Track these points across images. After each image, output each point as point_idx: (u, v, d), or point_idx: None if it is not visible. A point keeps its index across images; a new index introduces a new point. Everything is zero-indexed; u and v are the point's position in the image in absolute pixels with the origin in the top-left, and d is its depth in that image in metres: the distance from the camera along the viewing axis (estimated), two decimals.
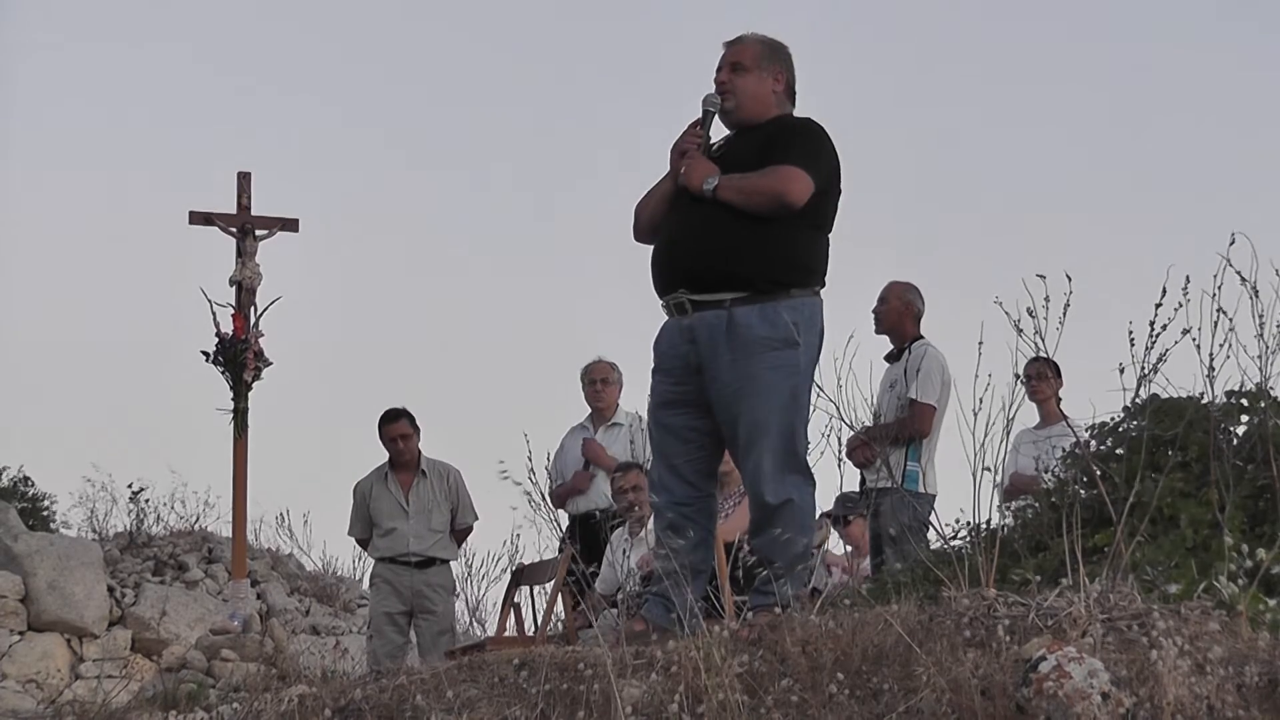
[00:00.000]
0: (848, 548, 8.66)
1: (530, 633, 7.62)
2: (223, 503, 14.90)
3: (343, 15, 27.01)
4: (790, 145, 5.05)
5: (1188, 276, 4.55)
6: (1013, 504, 5.52)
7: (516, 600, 7.99)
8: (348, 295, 23.38)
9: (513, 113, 27.46)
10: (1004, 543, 4.80)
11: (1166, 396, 5.00)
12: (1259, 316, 4.72)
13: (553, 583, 7.54)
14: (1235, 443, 4.90)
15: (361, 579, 14.81)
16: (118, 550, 14.21)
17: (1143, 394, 4.94)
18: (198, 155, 22.84)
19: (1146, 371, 4.79)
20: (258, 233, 11.06)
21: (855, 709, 3.63)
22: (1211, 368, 4.70)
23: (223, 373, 10.84)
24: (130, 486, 15.19)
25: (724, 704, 3.64)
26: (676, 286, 5.07)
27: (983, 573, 4.12)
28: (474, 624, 11.60)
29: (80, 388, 23.88)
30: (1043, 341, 4.75)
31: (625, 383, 8.93)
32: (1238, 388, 4.94)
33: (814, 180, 5.00)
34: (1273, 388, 4.89)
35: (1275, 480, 4.60)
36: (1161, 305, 4.60)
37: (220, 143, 23.11)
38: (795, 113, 5.27)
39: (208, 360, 10.86)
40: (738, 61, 5.20)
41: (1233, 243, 4.61)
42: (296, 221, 11.29)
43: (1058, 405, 7.60)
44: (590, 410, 8.94)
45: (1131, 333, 4.70)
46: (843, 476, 6.59)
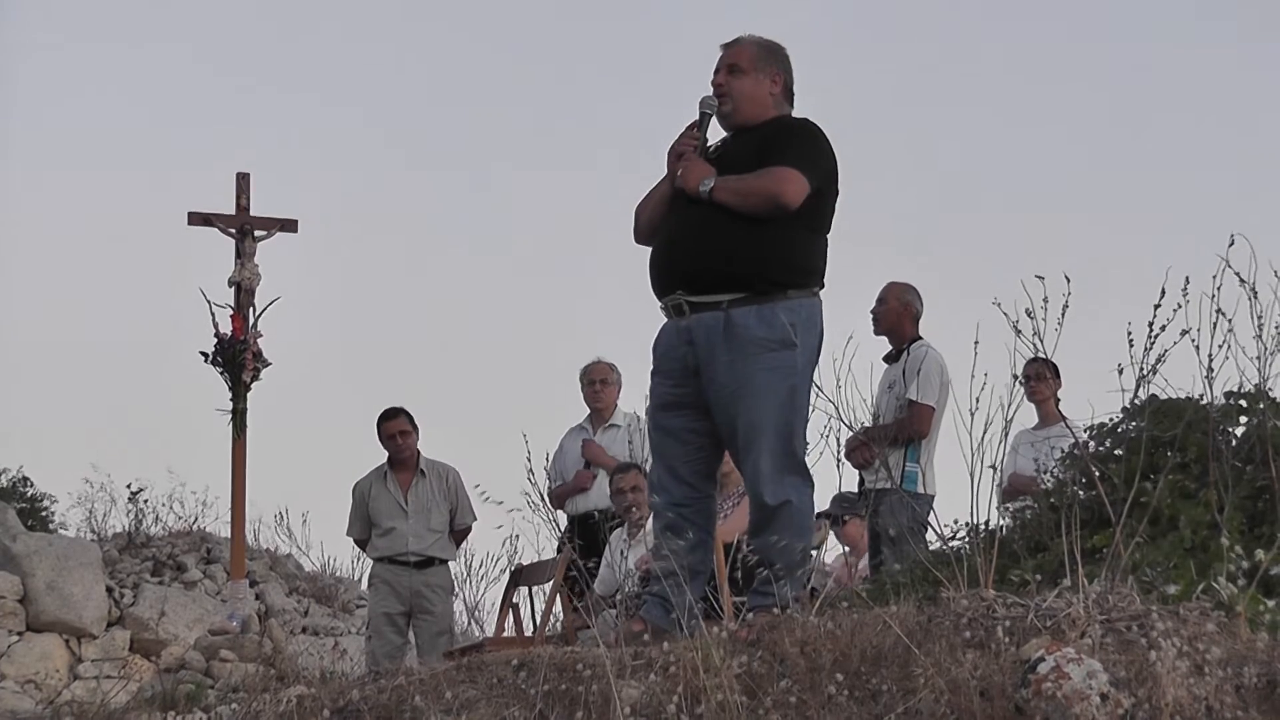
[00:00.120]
0: (844, 548, 8.67)
1: (529, 633, 7.62)
2: (221, 503, 14.89)
3: (342, 16, 27.01)
4: (786, 146, 5.05)
5: (1187, 277, 4.56)
6: (1011, 505, 5.52)
7: (515, 601, 7.99)
8: (347, 296, 23.37)
9: (512, 113, 27.46)
10: (1003, 543, 4.80)
11: (1165, 397, 5.00)
12: (1258, 318, 4.73)
13: (551, 583, 7.54)
14: (1234, 444, 4.90)
15: (360, 580, 14.80)
16: (116, 551, 14.20)
17: (1142, 395, 4.94)
18: (197, 156, 22.84)
19: (1145, 372, 4.80)
20: (257, 233, 11.05)
21: (854, 710, 3.63)
22: (1210, 369, 4.71)
23: (221, 373, 10.84)
24: (129, 487, 15.19)
25: (723, 705, 3.64)
26: (674, 288, 5.07)
27: (982, 574, 4.12)
28: (472, 624, 11.60)
29: (80, 388, 23.88)
30: (1041, 342, 4.75)
31: (624, 383, 8.94)
32: (1236, 389, 4.94)
33: (810, 181, 4.99)
34: (1271, 389, 4.90)
35: (1274, 481, 4.60)
36: (1160, 306, 4.60)
37: (219, 143, 23.09)
38: (794, 113, 5.27)
39: (206, 361, 10.85)
40: (734, 64, 5.19)
41: (1232, 244, 4.61)
42: (295, 222, 11.28)
43: (1056, 406, 7.59)
44: (589, 411, 8.94)
45: (1130, 334, 4.71)
46: (842, 477, 6.60)
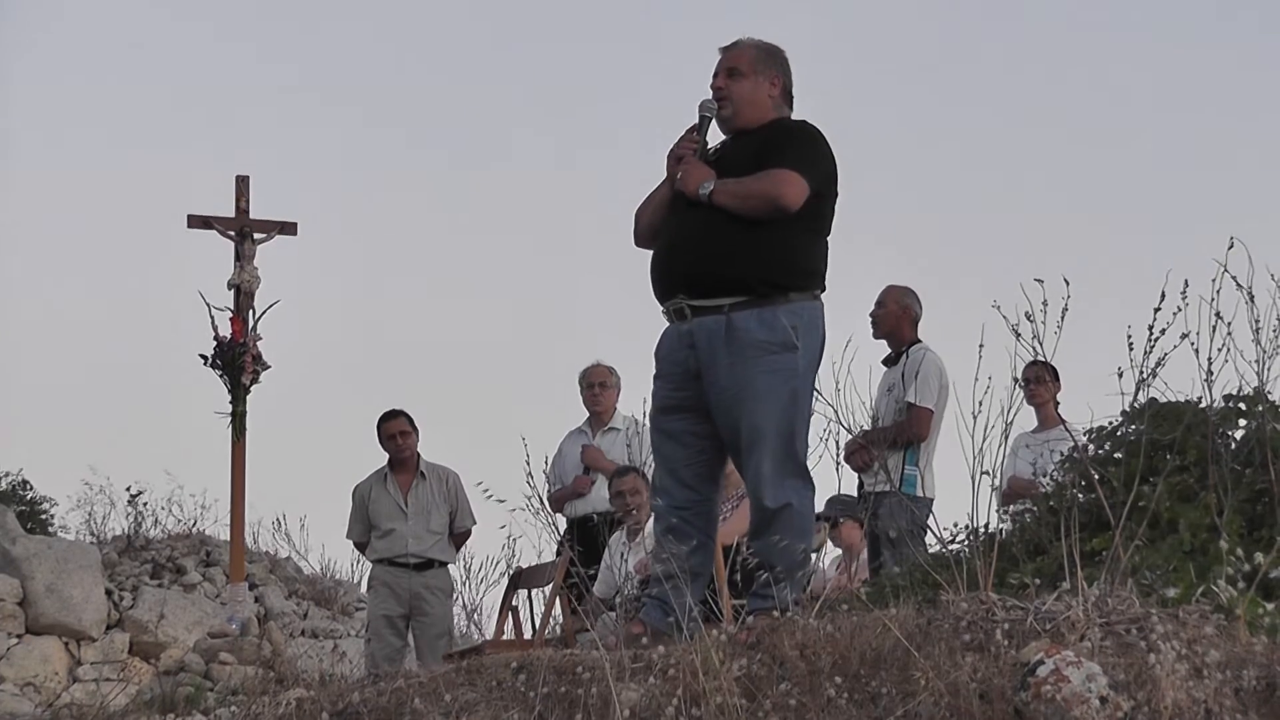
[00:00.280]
0: (838, 550, 8.67)
1: (528, 636, 7.62)
2: (221, 506, 14.93)
3: (342, 17, 27.02)
4: (785, 148, 5.06)
5: (1186, 281, 4.56)
6: (1011, 508, 5.52)
7: (514, 604, 7.99)
8: (346, 299, 23.38)
9: (512, 115, 27.47)
10: (1002, 546, 4.80)
11: (1165, 401, 5.00)
12: (1255, 322, 4.73)
13: (551, 586, 7.54)
14: (1233, 447, 4.90)
15: (360, 582, 14.81)
16: (116, 553, 14.21)
17: (1141, 398, 4.94)
18: (197, 158, 22.85)
19: (1145, 376, 4.80)
20: (256, 236, 11.05)
21: (853, 713, 3.63)
22: (1210, 372, 4.71)
23: (221, 376, 10.83)
24: (128, 489, 15.21)
25: (722, 707, 3.64)
26: (675, 292, 5.07)
27: (981, 576, 4.12)
28: (472, 627, 11.60)
29: (79, 391, 23.88)
30: (1041, 345, 4.75)
31: (623, 387, 8.94)
32: (1236, 392, 4.94)
33: (809, 183, 5.00)
34: (1270, 392, 4.90)
35: (1273, 484, 4.60)
36: (1160, 310, 4.61)
37: (219, 146, 23.11)
38: (794, 115, 5.27)
39: (206, 364, 10.85)
40: (734, 67, 5.20)
41: (1230, 248, 4.62)
42: (295, 225, 11.28)
43: (1056, 409, 7.60)
44: (588, 414, 8.94)
45: (1130, 337, 4.71)
46: (841, 480, 6.60)
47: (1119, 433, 5.12)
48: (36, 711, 10.35)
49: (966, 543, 4.92)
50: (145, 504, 15.13)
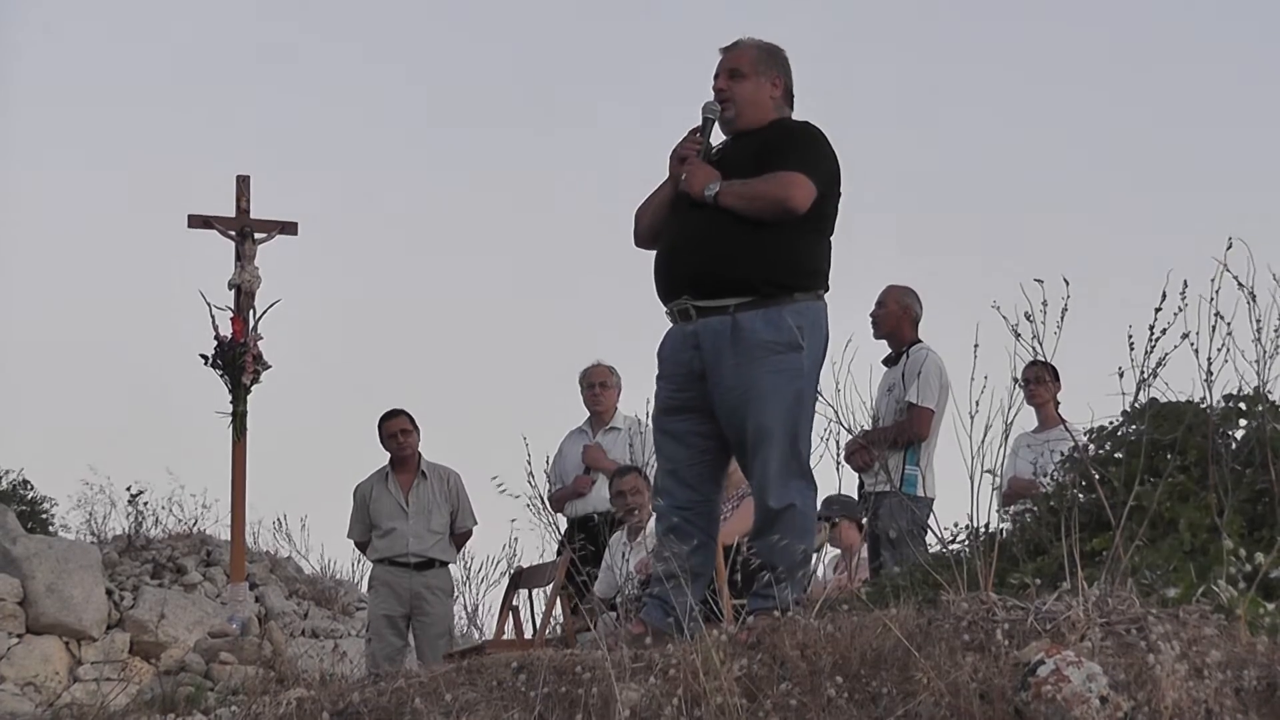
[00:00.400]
0: (835, 549, 8.67)
1: (529, 636, 7.62)
2: (221, 506, 14.90)
3: (342, 17, 27.01)
4: (791, 150, 5.05)
5: (1186, 281, 4.56)
6: (1011, 508, 5.52)
7: (515, 603, 7.99)
8: (347, 298, 23.34)
9: (513, 114, 27.46)
10: (1003, 547, 4.80)
11: (1165, 401, 5.00)
12: (1256, 321, 4.73)
13: (551, 586, 7.55)
14: (1234, 447, 4.90)
15: (360, 582, 14.81)
16: (116, 553, 14.21)
17: (1141, 398, 4.94)
18: (197, 158, 22.85)
19: (1145, 376, 4.79)
20: (257, 236, 11.05)
21: (854, 713, 3.63)
22: (1210, 372, 4.71)
23: (221, 376, 10.83)
24: (129, 489, 15.20)
25: (722, 707, 3.65)
26: (680, 293, 5.06)
27: (981, 577, 4.12)
28: (472, 627, 11.60)
29: (79, 390, 23.88)
30: (1041, 345, 4.75)
31: (624, 386, 8.94)
32: (1236, 392, 4.94)
33: (815, 185, 5.00)
34: (1270, 392, 4.90)
35: (1273, 484, 4.60)
36: (1160, 309, 4.61)
37: (219, 146, 23.10)
38: (794, 115, 5.27)
39: (206, 363, 10.85)
40: (735, 68, 5.19)
41: (1229, 247, 4.61)
42: (296, 225, 11.28)
43: (1056, 409, 7.60)
44: (589, 414, 8.94)
45: (1130, 337, 4.71)
46: (841, 480, 6.60)
47: (1119, 433, 5.12)
48: (37, 711, 10.36)
49: (967, 543, 4.92)
50: (146, 504, 15.14)
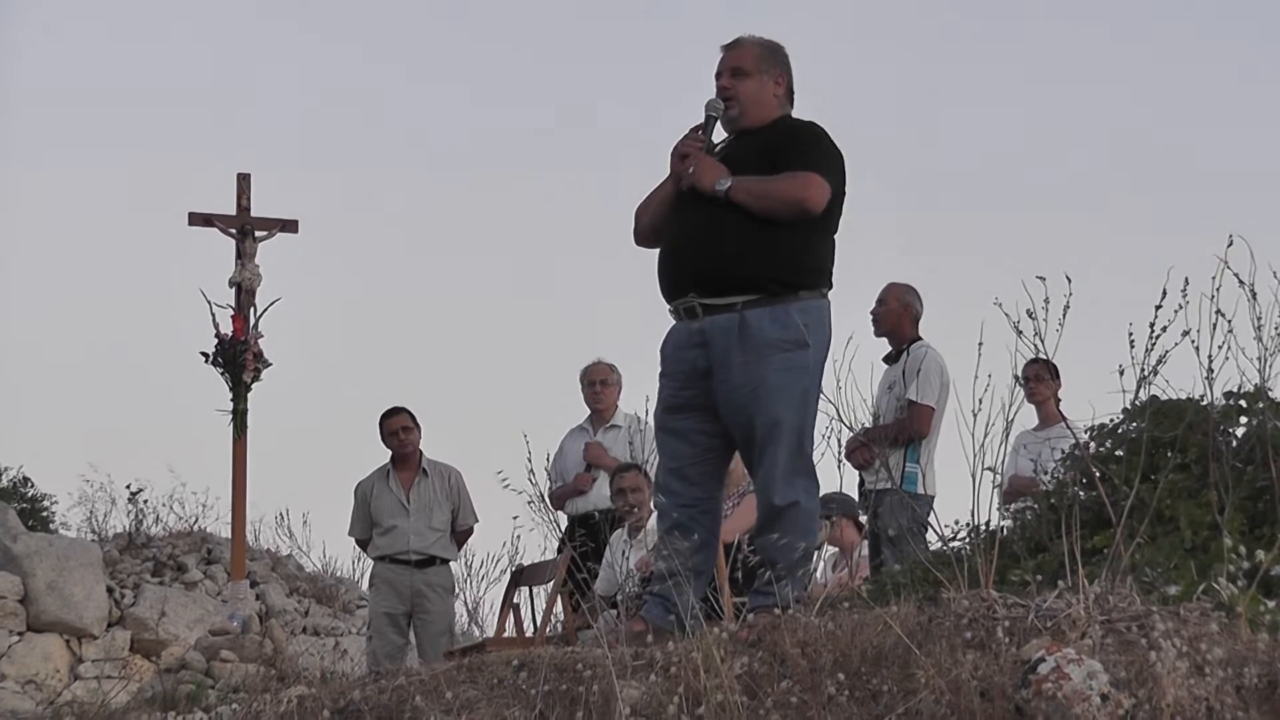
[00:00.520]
0: (832, 548, 8.66)
1: (530, 634, 7.62)
2: (222, 504, 14.91)
3: (343, 16, 27.02)
4: (807, 151, 5.03)
5: (1186, 278, 4.55)
6: (1012, 505, 5.53)
7: (516, 601, 7.99)
8: (347, 296, 23.40)
9: (513, 113, 27.48)
10: (1003, 544, 4.80)
11: (1166, 398, 5.00)
12: (1257, 319, 4.73)
13: (552, 584, 7.54)
14: (1234, 444, 4.90)
15: (361, 580, 14.82)
16: (117, 551, 14.21)
17: (1142, 396, 4.94)
18: (197, 156, 22.85)
19: (1146, 373, 4.79)
20: (257, 234, 11.07)
21: (854, 710, 3.63)
22: (1210, 369, 4.70)
23: (222, 374, 10.85)
24: (129, 487, 15.21)
25: (723, 705, 3.65)
26: (686, 290, 5.04)
27: (982, 574, 4.12)
28: (473, 625, 11.61)
29: (80, 388, 23.90)
30: (1042, 343, 4.75)
31: (624, 384, 8.94)
32: (1237, 389, 4.94)
33: (830, 185, 4.99)
34: (1271, 389, 4.90)
35: (1274, 482, 4.59)
36: (1161, 307, 4.60)
37: (220, 144, 23.12)
38: (794, 113, 5.26)
39: (207, 361, 10.87)
40: (738, 66, 5.16)
41: (1230, 245, 4.61)
42: (296, 223, 11.30)
43: (1057, 407, 7.60)
44: (590, 412, 8.94)
45: (1131, 334, 4.71)
46: (842, 478, 6.59)
47: (1120, 430, 5.12)
48: (38, 709, 10.36)
49: (967, 540, 4.93)
50: (146, 501, 15.16)
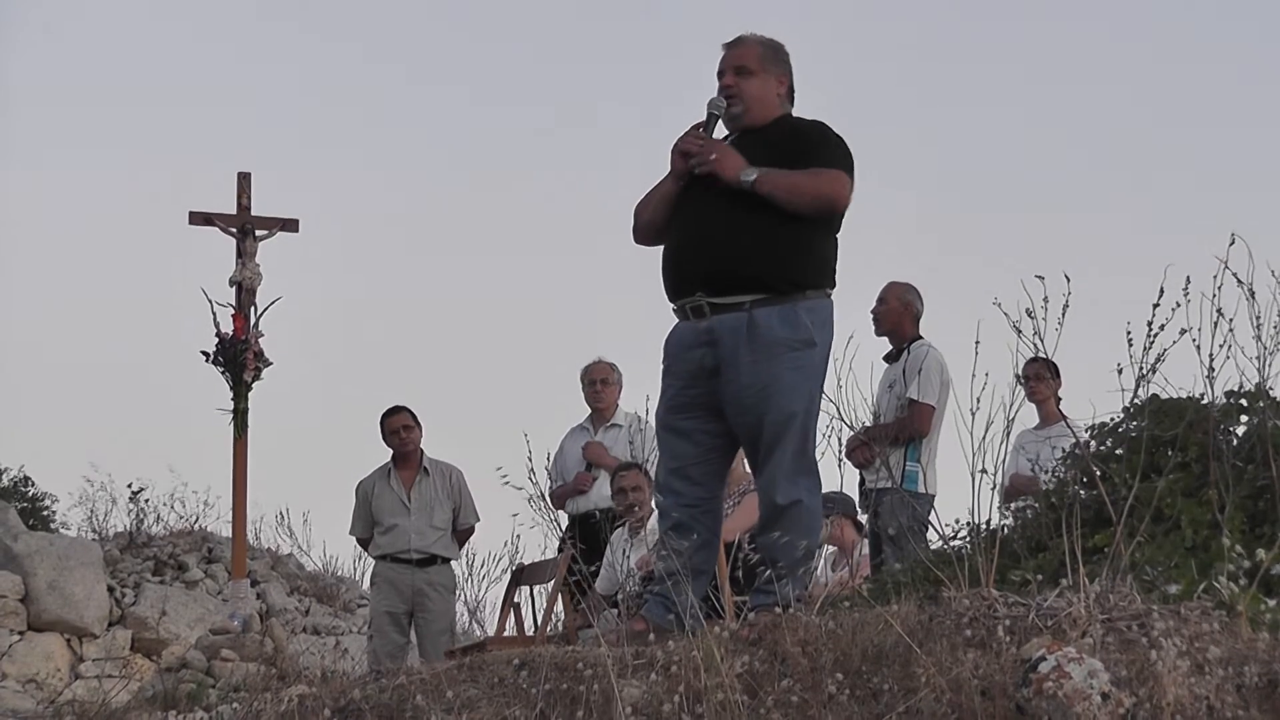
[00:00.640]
0: (831, 547, 8.66)
1: (530, 633, 7.62)
2: (222, 503, 14.93)
3: (343, 16, 27.02)
4: (830, 149, 5.02)
5: (1187, 277, 4.56)
6: (1012, 504, 5.53)
7: (516, 600, 8.00)
8: (348, 295, 23.41)
9: (513, 113, 27.48)
10: (1004, 543, 4.80)
11: (1166, 397, 5.00)
12: (1256, 318, 4.73)
13: (553, 583, 7.55)
14: (1235, 443, 4.90)
15: (361, 579, 14.83)
16: (117, 550, 14.22)
17: (1142, 394, 4.94)
18: (198, 156, 22.87)
19: (1146, 372, 4.80)
20: (258, 233, 11.04)
21: (855, 709, 3.63)
22: (1211, 368, 4.71)
23: (223, 373, 10.83)
24: (130, 486, 15.23)
25: (724, 704, 3.65)
26: (694, 289, 5.01)
27: (982, 573, 4.12)
28: (474, 624, 11.61)
29: (80, 388, 23.90)
30: (1042, 342, 4.75)
31: (625, 383, 8.94)
32: (1237, 388, 4.94)
33: (852, 184, 5.00)
34: (1272, 388, 4.90)
35: (1275, 480, 4.60)
36: (1160, 305, 4.61)
37: (220, 143, 23.12)
38: (795, 112, 5.25)
39: (207, 360, 10.85)
40: (742, 65, 5.15)
41: (1231, 244, 4.62)
42: (296, 222, 11.28)
43: (1057, 405, 7.60)
44: (590, 411, 8.94)
45: (1130, 333, 4.71)
46: (843, 477, 6.60)
47: (1120, 429, 5.13)
48: (38, 708, 10.36)
49: (968, 539, 4.93)
50: (147, 501, 15.17)
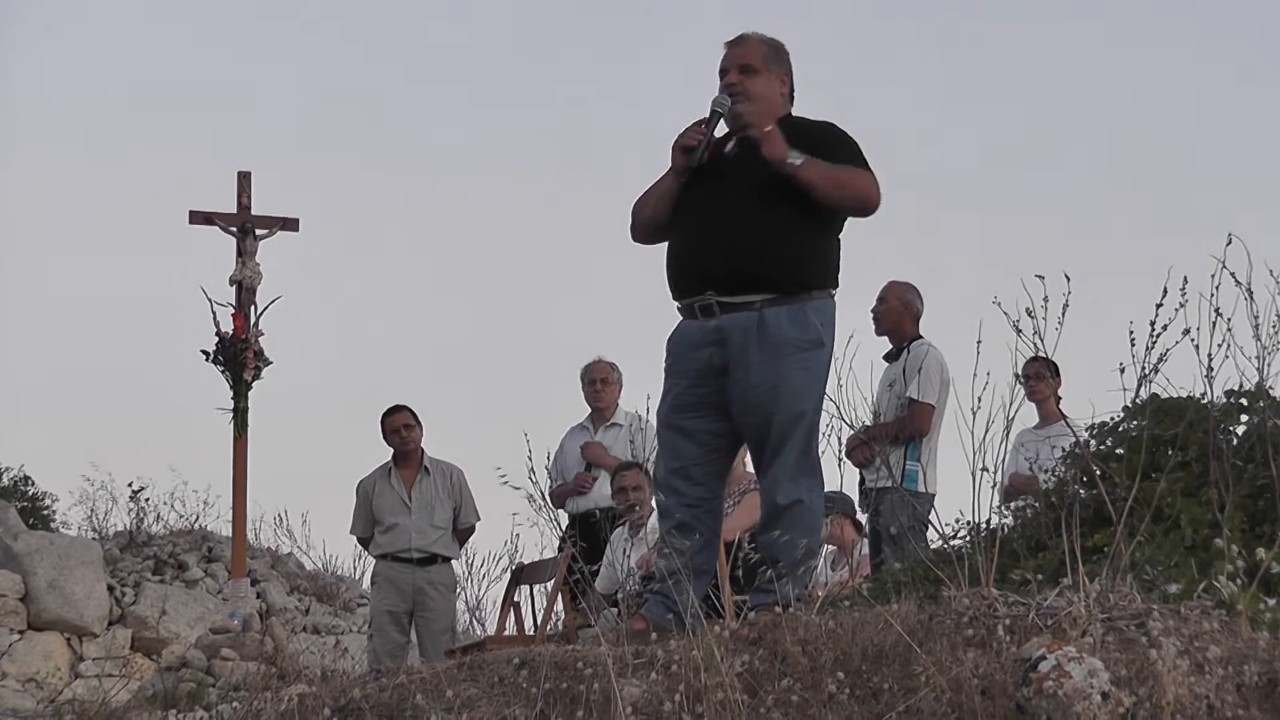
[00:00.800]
0: (830, 546, 8.66)
1: (530, 632, 7.63)
2: (222, 502, 14.93)
3: (343, 16, 27.02)
4: (848, 149, 5.03)
5: (1185, 277, 4.57)
6: (1012, 504, 5.53)
7: (516, 599, 8.00)
8: (348, 295, 23.41)
9: (513, 112, 27.48)
10: (1004, 542, 4.80)
11: (1166, 396, 5.00)
12: (1255, 318, 4.73)
13: (553, 582, 7.55)
14: (1235, 442, 4.90)
15: (361, 578, 14.82)
16: (118, 549, 14.22)
17: (1142, 394, 4.95)
18: (198, 155, 22.87)
19: (1146, 371, 4.80)
20: (258, 232, 11.04)
21: (855, 708, 3.64)
22: (1210, 368, 4.71)
23: (223, 372, 10.82)
24: (130, 485, 15.22)
25: (724, 703, 3.65)
26: (703, 288, 4.99)
27: (982, 572, 4.12)
28: (474, 623, 11.61)
29: (81, 387, 23.91)
30: (1042, 341, 4.76)
31: (625, 383, 8.94)
32: (1237, 388, 4.95)
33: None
34: (1271, 387, 4.90)
35: (1274, 480, 4.60)
36: (1161, 306, 4.61)
37: (220, 142, 23.12)
38: (795, 111, 5.25)
39: (208, 359, 10.84)
40: (747, 64, 5.14)
41: (1229, 245, 4.62)
42: (297, 221, 11.27)
43: (1057, 405, 7.60)
44: (590, 410, 8.94)
45: (1131, 333, 4.72)
46: (843, 476, 6.60)
47: (1120, 428, 5.13)
48: (38, 707, 10.36)
49: (968, 538, 4.93)
50: (147, 500, 15.16)
